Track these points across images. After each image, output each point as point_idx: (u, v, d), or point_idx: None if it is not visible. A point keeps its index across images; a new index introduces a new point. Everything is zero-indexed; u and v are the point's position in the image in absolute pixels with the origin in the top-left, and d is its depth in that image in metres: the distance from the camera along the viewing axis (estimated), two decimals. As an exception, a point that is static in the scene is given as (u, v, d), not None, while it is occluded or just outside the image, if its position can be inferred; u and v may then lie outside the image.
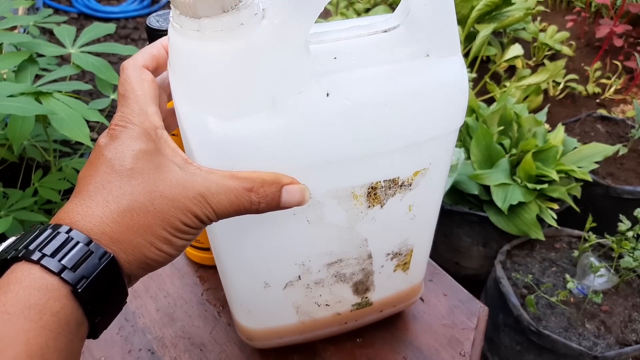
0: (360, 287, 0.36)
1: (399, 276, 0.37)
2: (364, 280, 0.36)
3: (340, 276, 0.35)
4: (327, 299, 0.36)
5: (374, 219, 0.32)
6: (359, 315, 0.39)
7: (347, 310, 0.38)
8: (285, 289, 0.34)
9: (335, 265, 0.34)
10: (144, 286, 0.47)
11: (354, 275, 0.35)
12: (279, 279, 0.34)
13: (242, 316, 0.37)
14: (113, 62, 1.71)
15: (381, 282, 0.37)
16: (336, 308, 0.37)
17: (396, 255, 0.35)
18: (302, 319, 0.37)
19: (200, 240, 0.45)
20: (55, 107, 0.60)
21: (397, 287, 0.39)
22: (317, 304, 0.36)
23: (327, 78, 0.25)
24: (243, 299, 0.36)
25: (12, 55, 0.67)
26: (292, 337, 0.39)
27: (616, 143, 1.17)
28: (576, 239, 0.97)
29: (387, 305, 0.40)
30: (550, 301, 0.85)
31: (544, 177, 0.94)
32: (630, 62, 1.58)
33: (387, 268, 0.36)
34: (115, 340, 0.43)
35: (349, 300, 0.37)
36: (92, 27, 0.76)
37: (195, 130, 0.25)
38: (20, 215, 0.70)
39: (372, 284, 0.36)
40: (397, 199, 0.31)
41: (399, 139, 0.28)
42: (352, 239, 0.32)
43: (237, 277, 0.34)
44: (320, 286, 0.35)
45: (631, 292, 0.87)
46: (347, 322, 0.39)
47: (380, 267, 0.35)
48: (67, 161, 0.83)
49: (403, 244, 0.35)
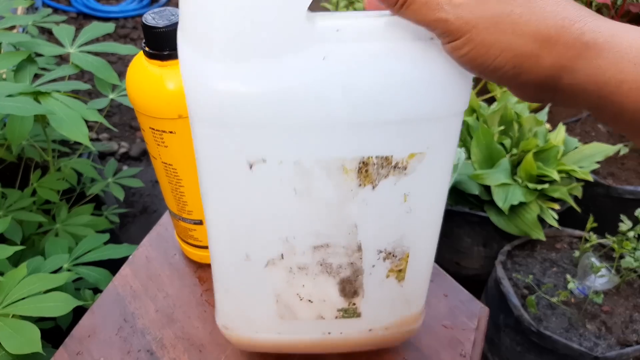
0: (347, 288, 0.35)
1: (393, 287, 0.35)
2: (352, 279, 0.34)
3: (327, 266, 0.33)
4: (311, 293, 0.34)
5: (365, 202, 0.30)
6: (345, 327, 0.37)
7: (332, 315, 0.36)
8: (267, 267, 0.33)
9: (321, 250, 0.32)
10: (143, 287, 0.47)
11: (342, 270, 0.34)
12: (261, 253, 0.32)
13: (221, 297, 0.36)
14: (112, 61, 1.71)
15: (372, 288, 0.35)
16: (320, 309, 0.36)
17: (389, 256, 0.34)
18: (281, 312, 0.35)
19: (199, 238, 0.45)
20: (54, 106, 0.59)
21: (391, 303, 0.36)
22: (299, 297, 0.35)
23: (326, 45, 0.26)
24: (223, 273, 0.34)
25: (10, 55, 0.67)
26: (268, 335, 0.37)
27: (617, 143, 1.17)
28: (577, 239, 0.97)
29: (378, 324, 0.37)
30: (551, 302, 0.85)
31: (544, 177, 0.94)
32: (630, 61, 1.58)
33: (378, 270, 0.34)
34: (114, 340, 0.42)
35: (335, 301, 0.35)
36: (91, 27, 0.76)
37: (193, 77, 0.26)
38: (19, 215, 0.69)
39: (361, 287, 0.35)
40: (391, 182, 0.30)
41: (393, 112, 0.27)
42: (341, 221, 0.31)
43: (221, 242, 0.33)
44: (304, 273, 0.33)
45: (632, 292, 0.87)
46: (330, 332, 0.37)
47: (371, 266, 0.34)
48: (66, 161, 0.83)
49: (397, 244, 0.33)
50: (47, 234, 0.74)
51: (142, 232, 1.28)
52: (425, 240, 0.34)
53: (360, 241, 0.32)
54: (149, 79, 0.36)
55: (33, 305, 0.49)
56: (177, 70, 0.35)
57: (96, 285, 0.63)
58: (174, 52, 0.35)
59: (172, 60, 0.35)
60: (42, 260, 0.62)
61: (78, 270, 0.63)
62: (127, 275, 0.48)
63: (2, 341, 0.45)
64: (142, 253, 0.50)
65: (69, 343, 0.43)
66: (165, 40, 0.34)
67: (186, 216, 0.43)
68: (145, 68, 0.36)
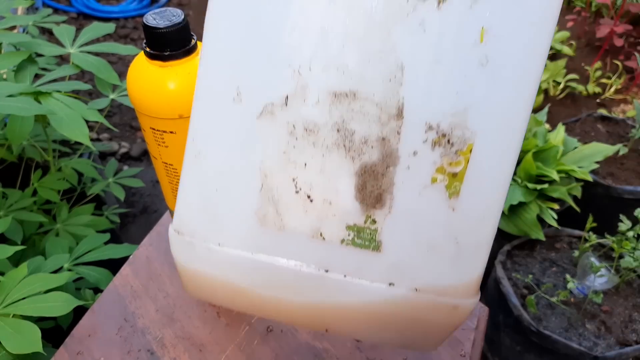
0: (369, 186, 0.22)
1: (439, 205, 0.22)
2: (380, 170, 0.22)
3: (346, 136, 0.22)
4: (314, 182, 0.23)
5: (422, 26, 0.20)
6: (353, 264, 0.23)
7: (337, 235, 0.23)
8: (261, 117, 0.22)
9: (343, 102, 0.22)
10: (144, 287, 0.47)
11: (366, 148, 0.22)
12: (257, 90, 0.22)
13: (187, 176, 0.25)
14: (112, 61, 1.71)
15: (406, 197, 0.22)
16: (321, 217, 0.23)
17: (441, 140, 0.21)
18: (264, 209, 0.23)
19: (199, 240, 0.45)
20: (55, 107, 0.60)
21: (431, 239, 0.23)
22: (295, 185, 0.23)
23: None
24: (201, 124, 0.24)
25: (11, 55, 0.67)
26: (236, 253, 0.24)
27: (617, 143, 1.17)
28: (576, 239, 0.97)
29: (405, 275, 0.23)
30: (550, 301, 0.85)
31: (544, 177, 0.94)
32: (630, 61, 1.58)
33: (421, 165, 0.22)
34: (115, 340, 0.43)
35: (346, 207, 0.23)
36: (92, 27, 0.76)
37: None
38: (20, 215, 0.70)
39: (390, 190, 0.22)
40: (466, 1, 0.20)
41: None
42: (381, 53, 0.21)
43: (210, 70, 0.24)
44: (310, 141, 0.22)
45: (632, 292, 0.87)
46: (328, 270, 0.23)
47: (412, 154, 0.22)
48: (67, 161, 0.83)
49: (458, 120, 0.21)
50: (47, 233, 0.74)
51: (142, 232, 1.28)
52: (503, 128, 0.21)
53: (404, 99, 0.21)
54: (149, 79, 0.36)
55: (33, 305, 0.49)
56: (178, 71, 0.35)
57: (97, 285, 0.63)
58: (175, 52, 0.35)
59: (173, 60, 0.35)
60: (42, 260, 0.62)
61: (78, 270, 0.63)
62: (127, 275, 0.48)
63: (3, 341, 0.45)
64: (143, 253, 0.50)
65: (69, 343, 0.43)
66: (166, 40, 0.35)
67: (186, 216, 0.43)
68: (146, 68, 0.36)
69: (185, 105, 0.35)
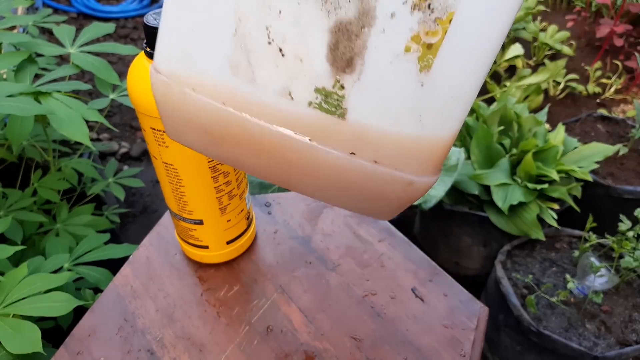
0: (342, 47, 0.21)
1: (409, 77, 0.21)
2: (354, 30, 0.20)
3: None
4: (287, 34, 0.21)
5: None
6: (318, 129, 0.23)
7: (305, 97, 0.22)
8: None
9: None
10: (144, 286, 0.47)
11: (341, 4, 0.20)
12: None
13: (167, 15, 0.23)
14: (112, 62, 1.71)
15: (377, 63, 0.21)
16: (291, 74, 0.22)
17: (422, 2, 0.19)
18: (236, 57, 0.22)
19: (199, 238, 0.45)
20: (55, 107, 0.60)
21: (396, 108, 0.22)
22: (268, 36, 0.21)
23: None
24: None
25: (11, 55, 0.67)
26: (208, 101, 0.24)
27: (617, 143, 1.17)
28: (576, 239, 0.97)
29: (366, 144, 0.23)
30: (550, 301, 0.85)
31: (544, 177, 0.94)
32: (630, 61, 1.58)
33: (397, 31, 0.20)
34: (115, 340, 0.43)
35: (316, 67, 0.21)
36: (92, 27, 0.76)
37: None
38: (20, 215, 0.70)
39: (362, 54, 0.21)
40: None
41: None
42: None
43: None
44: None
45: (632, 292, 0.87)
46: (295, 130, 0.23)
47: (389, 16, 0.20)
48: (67, 161, 0.83)
49: None
50: (47, 233, 0.74)
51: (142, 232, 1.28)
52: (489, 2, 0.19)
53: None
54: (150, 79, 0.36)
55: (33, 305, 0.49)
56: (178, 71, 0.35)
57: (97, 285, 0.63)
58: (175, 52, 0.35)
59: (173, 60, 0.35)
60: (42, 260, 0.62)
61: (78, 270, 0.63)
62: (127, 275, 0.48)
63: (3, 341, 0.45)
64: (143, 253, 0.50)
65: (69, 343, 0.43)
66: (166, 40, 0.35)
67: (186, 216, 0.43)
68: (147, 68, 0.36)
69: (185, 105, 0.35)
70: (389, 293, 0.46)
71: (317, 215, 0.53)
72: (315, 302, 0.45)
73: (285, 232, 0.51)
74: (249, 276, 0.47)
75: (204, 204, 0.41)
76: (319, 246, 0.50)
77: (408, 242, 0.51)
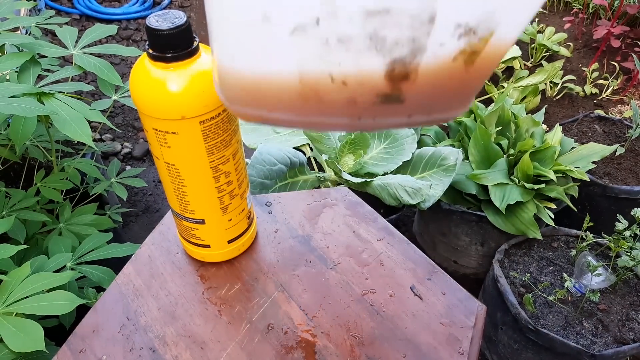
0: (397, 70, 0.24)
1: (457, 72, 0.25)
2: (408, 59, 0.24)
3: (378, 40, 0.23)
4: (347, 73, 0.25)
5: None
6: (381, 113, 0.27)
7: (369, 101, 0.26)
8: (293, 35, 0.23)
9: (377, 17, 0.22)
10: (146, 285, 0.47)
11: (397, 47, 0.23)
12: (286, 13, 0.23)
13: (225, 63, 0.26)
14: (115, 63, 1.72)
15: (429, 71, 0.25)
16: (355, 92, 0.26)
17: (468, 33, 0.23)
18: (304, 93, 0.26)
19: (201, 237, 0.46)
20: (57, 107, 0.60)
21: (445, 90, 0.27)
22: (330, 78, 0.25)
23: None
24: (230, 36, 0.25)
25: (14, 56, 0.67)
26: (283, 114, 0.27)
27: (613, 143, 1.18)
28: (573, 238, 0.98)
29: (421, 109, 0.27)
30: (547, 300, 0.86)
31: (541, 177, 0.95)
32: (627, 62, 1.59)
33: (446, 50, 0.24)
34: (117, 338, 0.43)
35: (376, 85, 0.25)
36: (94, 29, 0.76)
37: None
38: (23, 215, 0.70)
39: (416, 70, 0.25)
40: None
41: None
42: None
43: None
44: (344, 49, 0.24)
45: (628, 291, 0.88)
46: (361, 118, 0.27)
47: (439, 45, 0.24)
48: (69, 161, 0.84)
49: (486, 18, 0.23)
50: (50, 233, 0.74)
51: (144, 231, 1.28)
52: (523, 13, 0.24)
53: (437, 8, 0.22)
54: (152, 81, 0.36)
55: (36, 304, 0.50)
56: (181, 72, 0.36)
57: (99, 284, 0.64)
58: (177, 54, 0.36)
59: (175, 62, 0.36)
60: (45, 259, 0.62)
61: (81, 269, 0.64)
62: (129, 274, 0.48)
63: (6, 339, 0.46)
64: (145, 252, 0.51)
65: (72, 341, 0.43)
66: (169, 42, 0.35)
67: (188, 215, 0.43)
68: (149, 70, 0.37)
69: (187, 106, 0.36)
70: (388, 291, 0.46)
71: (317, 214, 0.54)
72: (315, 300, 0.45)
73: (286, 231, 0.52)
74: (250, 275, 0.48)
75: (206, 203, 0.42)
76: (319, 245, 0.50)
77: (407, 241, 0.51)
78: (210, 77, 0.36)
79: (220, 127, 0.38)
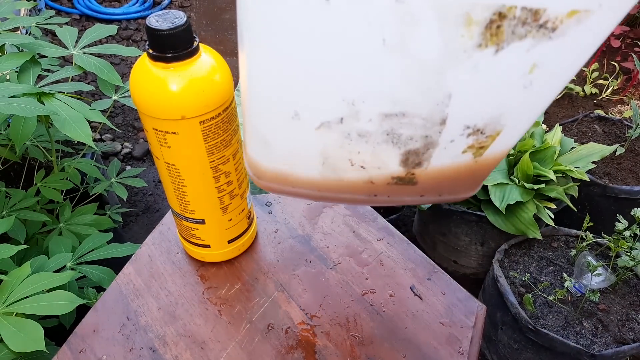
0: (411, 159, 0.27)
1: (465, 162, 0.28)
2: (421, 151, 0.27)
3: (394, 136, 0.26)
4: (365, 160, 0.28)
5: (476, 69, 0.22)
6: (395, 192, 0.30)
7: (384, 182, 0.29)
8: (319, 129, 0.26)
9: (393, 119, 0.25)
10: (146, 285, 0.47)
11: (411, 142, 0.26)
12: (314, 113, 0.25)
13: (255, 147, 0.29)
14: (115, 63, 1.72)
15: (440, 160, 0.27)
16: (372, 174, 0.29)
17: (476, 133, 0.26)
18: (325, 174, 0.29)
19: (201, 237, 0.46)
20: (58, 107, 0.60)
21: (456, 176, 0.29)
22: (350, 162, 0.28)
23: None
24: (262, 126, 0.28)
25: (14, 56, 0.67)
26: (306, 190, 0.31)
27: (613, 143, 1.18)
28: (573, 238, 0.98)
29: (432, 190, 0.30)
30: (547, 300, 0.86)
31: (541, 177, 0.95)
32: (627, 62, 1.59)
33: (456, 146, 0.27)
34: (117, 338, 0.43)
35: (392, 170, 0.28)
36: (94, 29, 0.76)
37: None
38: (23, 215, 0.70)
39: (429, 159, 0.27)
40: (524, 46, 0.21)
41: None
42: (432, 90, 0.23)
43: (263, 95, 0.26)
44: (363, 141, 0.26)
45: (628, 290, 0.88)
46: (377, 195, 0.30)
47: (449, 141, 0.26)
48: (70, 161, 0.84)
49: (493, 121, 0.25)
50: (50, 233, 0.74)
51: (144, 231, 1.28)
52: (527, 119, 0.26)
53: (448, 114, 0.24)
54: (152, 81, 0.36)
55: (36, 304, 0.50)
56: (181, 72, 0.36)
57: (99, 284, 0.64)
58: (177, 54, 0.36)
59: (176, 62, 0.36)
60: (45, 259, 0.62)
61: (81, 269, 0.64)
62: (130, 274, 0.48)
63: (6, 339, 0.46)
64: (145, 252, 0.51)
65: (72, 341, 0.43)
66: (169, 42, 0.35)
67: (188, 215, 0.43)
68: (149, 70, 0.37)
69: (187, 106, 0.36)
70: (388, 291, 0.46)
71: (317, 214, 0.54)
72: (315, 300, 0.45)
73: (286, 231, 0.52)
74: (250, 275, 0.48)
75: (206, 203, 0.42)
76: (319, 245, 0.51)
77: (407, 241, 0.51)
78: (210, 77, 0.36)
79: (220, 127, 0.38)
